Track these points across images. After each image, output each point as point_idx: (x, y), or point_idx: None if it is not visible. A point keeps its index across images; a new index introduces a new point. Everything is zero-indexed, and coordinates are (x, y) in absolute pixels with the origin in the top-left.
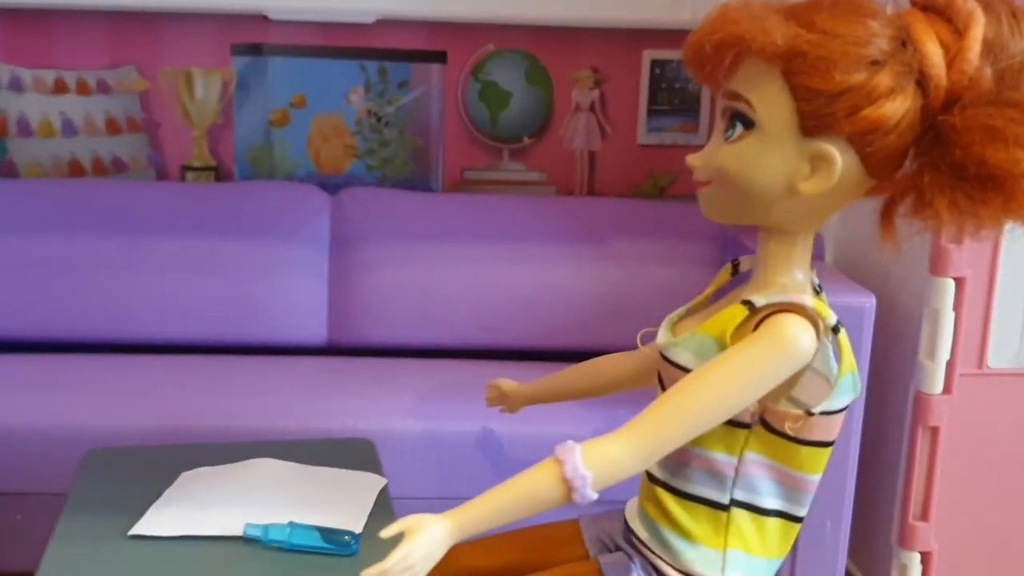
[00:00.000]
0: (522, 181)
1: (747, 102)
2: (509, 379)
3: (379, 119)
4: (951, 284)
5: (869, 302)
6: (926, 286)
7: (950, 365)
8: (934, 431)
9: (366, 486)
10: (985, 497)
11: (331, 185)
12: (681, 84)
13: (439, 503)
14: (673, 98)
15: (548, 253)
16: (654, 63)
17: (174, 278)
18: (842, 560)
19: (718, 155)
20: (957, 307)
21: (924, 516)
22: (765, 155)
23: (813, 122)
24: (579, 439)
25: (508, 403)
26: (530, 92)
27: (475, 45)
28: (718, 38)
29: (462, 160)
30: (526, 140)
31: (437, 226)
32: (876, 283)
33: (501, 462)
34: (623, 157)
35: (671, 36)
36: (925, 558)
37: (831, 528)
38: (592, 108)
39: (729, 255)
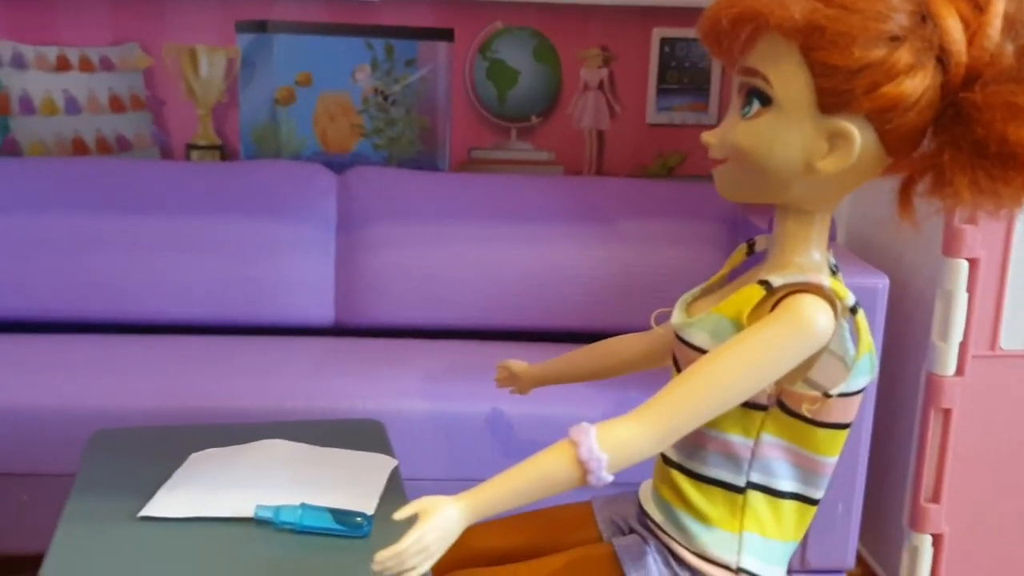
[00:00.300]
0: (530, 160)
1: (764, 78)
2: (518, 360)
3: (386, 97)
4: (964, 265)
5: (882, 283)
6: (939, 267)
7: (963, 347)
8: (946, 413)
9: (377, 467)
10: (997, 479)
11: (337, 164)
12: (691, 63)
13: (448, 484)
14: (683, 77)
15: (556, 233)
16: (663, 41)
17: (179, 258)
18: (853, 542)
19: (734, 132)
20: (970, 288)
21: (935, 498)
22: (782, 132)
23: (831, 99)
24: (589, 420)
25: (519, 384)
26: (538, 70)
27: (483, 22)
28: (735, 12)
29: (469, 139)
30: (534, 119)
31: (445, 206)
32: (888, 264)
33: (511, 443)
34: (632, 136)
35: (681, 14)
36: (936, 540)
37: (842, 510)
38: (601, 87)
39: (739, 235)
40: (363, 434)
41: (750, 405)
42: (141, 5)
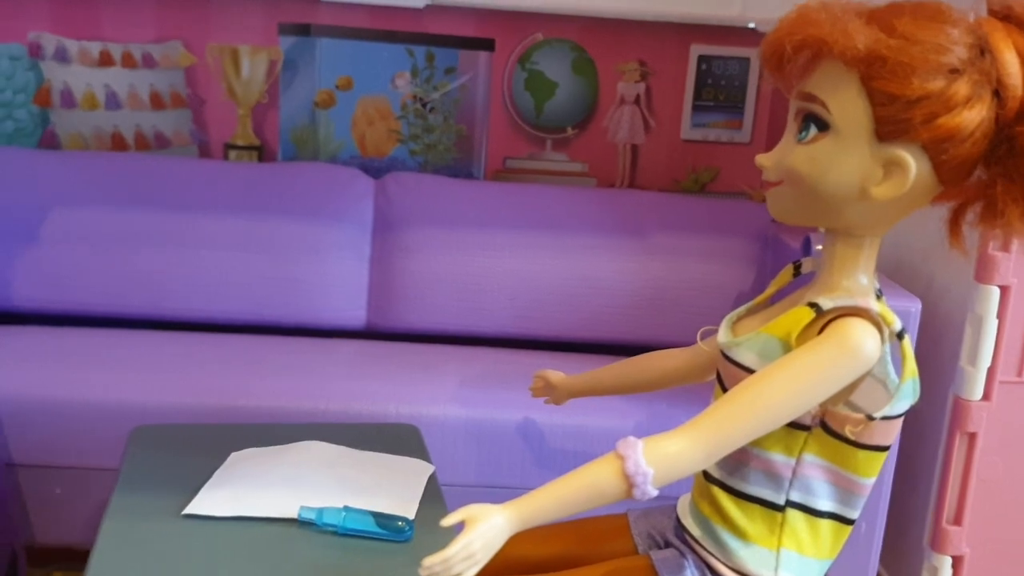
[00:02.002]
0: (564, 172)
1: (823, 104)
2: (554, 370)
3: (424, 104)
4: (996, 292)
5: (915, 306)
6: (971, 293)
7: (990, 372)
8: (971, 436)
9: (415, 472)
10: (1019, 504)
11: (374, 169)
12: (727, 80)
13: (478, 491)
14: (718, 94)
15: (589, 244)
16: (701, 58)
17: (215, 256)
18: (874, 562)
19: (790, 156)
20: (1000, 315)
21: (957, 520)
22: (839, 158)
23: (889, 127)
24: (622, 432)
25: (555, 394)
26: (576, 83)
27: (523, 34)
28: (799, 39)
29: (505, 148)
30: (570, 131)
31: (480, 213)
32: (919, 288)
33: (542, 452)
34: (666, 151)
35: (719, 32)
36: (956, 562)
37: (865, 530)
38: (637, 101)
39: (770, 253)
40: (399, 438)
41: (793, 425)
42: (185, 4)
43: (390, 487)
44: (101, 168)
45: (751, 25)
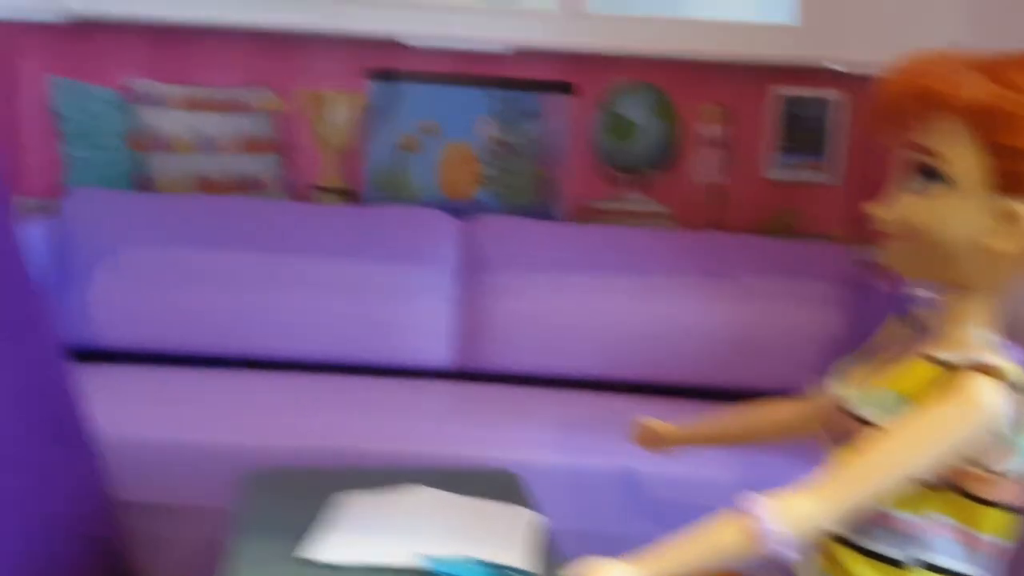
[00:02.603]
0: (645, 212)
1: (940, 156)
2: (651, 416)
3: (506, 147)
4: None
5: None
6: None
7: None
8: None
9: (525, 521)
10: None
11: (457, 210)
12: (809, 122)
13: (575, 538)
14: (800, 135)
15: (675, 287)
16: (782, 99)
17: (304, 297)
18: None
19: (908, 208)
20: None
21: None
22: (955, 210)
23: (1005, 180)
24: (723, 483)
25: (661, 444)
26: (656, 125)
27: (604, 78)
28: (914, 91)
29: (586, 190)
30: (650, 172)
31: (566, 256)
32: None
33: (641, 501)
34: (749, 193)
35: (800, 73)
36: None
37: None
38: (718, 143)
39: (860, 297)
40: (498, 485)
41: (919, 482)
42: (275, 50)
43: (502, 536)
44: (194, 209)
45: (833, 66)
